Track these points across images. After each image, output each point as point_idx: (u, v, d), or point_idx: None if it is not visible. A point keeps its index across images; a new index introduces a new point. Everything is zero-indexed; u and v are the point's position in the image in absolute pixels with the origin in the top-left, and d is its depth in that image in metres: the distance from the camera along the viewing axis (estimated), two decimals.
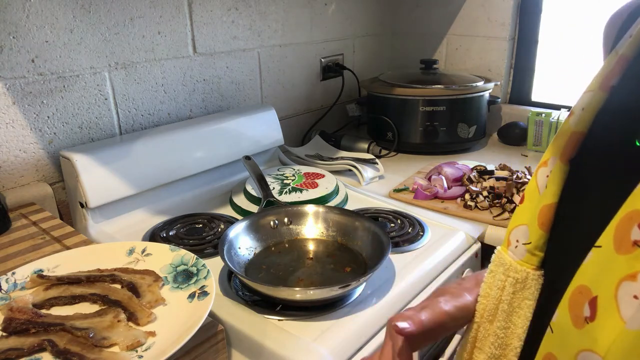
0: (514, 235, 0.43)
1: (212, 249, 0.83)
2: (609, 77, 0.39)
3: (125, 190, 0.92)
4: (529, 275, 0.41)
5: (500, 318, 0.43)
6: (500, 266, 0.44)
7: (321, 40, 1.46)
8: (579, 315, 0.34)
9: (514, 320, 0.43)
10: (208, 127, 1.08)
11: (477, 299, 0.47)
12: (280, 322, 0.66)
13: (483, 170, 1.12)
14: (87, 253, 0.68)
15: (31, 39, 0.86)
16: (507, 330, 0.43)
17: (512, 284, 0.42)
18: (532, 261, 0.42)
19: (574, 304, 0.35)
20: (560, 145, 0.41)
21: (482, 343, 0.46)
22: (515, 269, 0.42)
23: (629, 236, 0.32)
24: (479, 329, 0.46)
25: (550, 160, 0.42)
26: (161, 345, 0.51)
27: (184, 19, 1.09)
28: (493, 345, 0.44)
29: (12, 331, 0.52)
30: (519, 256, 0.42)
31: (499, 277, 0.44)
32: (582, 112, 0.40)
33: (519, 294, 0.42)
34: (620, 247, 0.32)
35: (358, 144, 1.37)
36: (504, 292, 0.43)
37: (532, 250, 0.41)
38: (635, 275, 0.31)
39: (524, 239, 0.42)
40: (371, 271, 0.68)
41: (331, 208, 0.87)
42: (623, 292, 0.31)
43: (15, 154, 0.89)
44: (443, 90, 1.31)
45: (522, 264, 0.42)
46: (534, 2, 1.44)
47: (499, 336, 0.44)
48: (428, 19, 1.61)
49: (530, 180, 0.44)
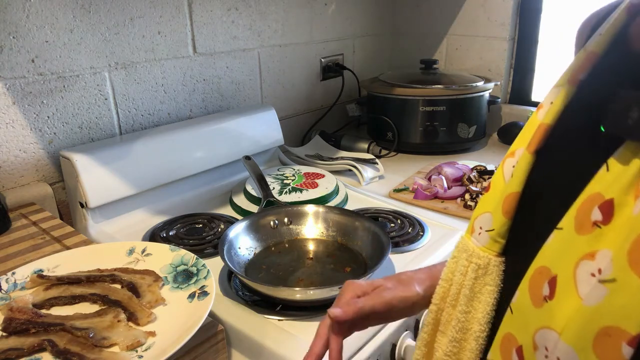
0: (477, 223, 0.44)
1: (212, 249, 0.83)
2: (577, 71, 0.41)
3: (125, 190, 0.92)
4: (490, 262, 0.42)
5: (462, 302, 0.44)
6: (463, 252, 0.45)
7: (321, 40, 1.46)
8: (538, 295, 0.35)
9: (474, 305, 0.44)
10: (208, 127, 1.08)
11: (438, 283, 0.48)
12: (280, 322, 0.66)
13: (483, 170, 1.13)
14: (87, 253, 0.68)
15: (31, 39, 0.86)
16: (468, 315, 0.44)
17: (474, 270, 0.43)
18: (494, 247, 0.43)
19: (534, 284, 0.36)
20: (527, 136, 0.43)
21: (444, 327, 0.47)
22: (478, 255, 0.43)
23: (589, 217, 0.33)
24: (441, 313, 0.47)
25: (517, 151, 0.43)
26: (161, 345, 0.51)
27: (184, 19, 1.09)
28: (454, 329, 0.45)
29: (12, 331, 0.52)
30: (482, 243, 0.43)
31: (462, 262, 0.45)
32: (550, 105, 0.42)
33: (480, 279, 0.43)
34: (580, 228, 0.34)
35: (358, 144, 1.37)
36: (466, 278, 0.44)
37: (495, 237, 0.42)
38: (594, 254, 0.32)
39: (487, 226, 0.43)
40: (371, 271, 0.68)
41: (331, 208, 0.87)
42: (582, 270, 0.32)
43: (15, 154, 0.89)
44: (443, 90, 1.31)
45: (485, 250, 0.43)
46: (534, 2, 1.44)
47: (460, 320, 0.45)
48: (428, 19, 1.61)
49: (497, 170, 0.45)
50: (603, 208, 0.33)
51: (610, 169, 0.34)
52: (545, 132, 0.42)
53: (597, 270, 0.31)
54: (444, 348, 0.47)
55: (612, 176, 0.33)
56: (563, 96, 0.41)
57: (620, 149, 0.34)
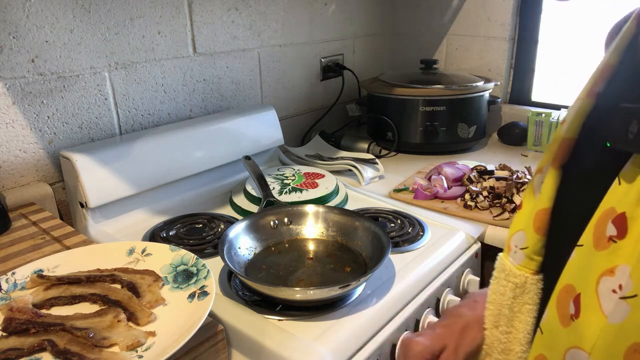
0: (513, 241, 0.44)
1: (212, 249, 0.83)
2: (595, 84, 0.40)
3: (125, 190, 0.92)
4: (527, 280, 0.42)
5: (503, 323, 0.44)
6: (501, 272, 0.45)
7: (321, 40, 1.46)
8: (565, 314, 0.35)
9: (515, 325, 0.43)
10: (208, 127, 1.08)
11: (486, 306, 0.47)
12: (280, 322, 0.66)
13: (483, 170, 1.12)
14: (87, 253, 0.68)
15: (31, 39, 0.86)
16: (509, 335, 0.43)
17: (512, 289, 0.43)
18: (530, 265, 0.42)
19: (561, 303, 0.36)
20: (552, 151, 0.42)
21: (490, 349, 0.47)
22: (515, 274, 0.43)
23: (605, 232, 0.33)
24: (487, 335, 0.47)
25: (545, 167, 0.43)
26: (161, 345, 0.51)
27: (184, 19, 1.09)
28: (497, 351, 0.45)
29: (12, 331, 0.52)
30: (518, 261, 0.43)
31: (501, 282, 0.44)
32: (572, 119, 0.41)
33: (519, 298, 0.42)
34: (598, 244, 0.34)
35: (358, 144, 1.37)
36: (504, 297, 0.44)
37: (530, 255, 0.42)
38: (613, 270, 0.32)
39: (522, 244, 0.43)
40: (371, 271, 0.68)
41: (331, 208, 0.87)
42: (603, 287, 0.32)
43: (15, 154, 0.89)
44: (443, 90, 1.31)
45: (521, 268, 0.42)
46: (534, 2, 1.44)
47: (502, 341, 0.44)
48: (428, 19, 1.61)
49: (527, 187, 0.45)
50: (616, 222, 0.33)
51: (621, 182, 0.33)
52: (568, 147, 0.41)
53: (617, 287, 0.31)
54: None
55: (623, 190, 0.33)
56: (582, 109, 0.41)
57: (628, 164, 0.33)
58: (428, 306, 0.76)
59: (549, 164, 0.42)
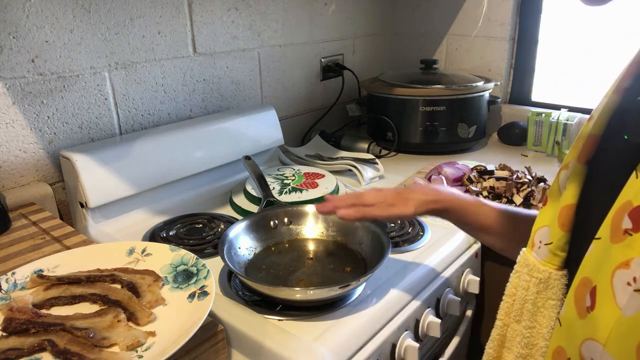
0: (537, 237, 0.44)
1: (212, 249, 0.83)
2: (622, 80, 0.41)
3: (125, 190, 0.92)
4: (551, 275, 0.42)
5: (526, 318, 0.44)
6: (524, 267, 0.45)
7: (321, 40, 1.46)
8: (582, 306, 0.35)
9: (539, 319, 0.43)
10: (208, 127, 1.08)
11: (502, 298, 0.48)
12: (280, 322, 0.66)
13: (483, 170, 1.12)
14: (87, 253, 0.68)
15: (31, 39, 0.86)
16: (533, 330, 0.44)
17: (536, 284, 0.43)
18: (554, 261, 0.42)
19: (579, 295, 0.36)
20: (578, 148, 0.43)
21: (510, 343, 0.47)
22: (538, 269, 0.43)
23: (621, 225, 0.33)
24: (506, 329, 0.47)
25: (570, 163, 0.43)
26: (161, 345, 0.51)
27: (184, 19, 1.09)
28: (520, 345, 0.45)
29: (12, 331, 0.52)
30: (542, 257, 0.43)
31: (524, 277, 0.44)
32: (598, 115, 0.42)
33: (542, 293, 0.43)
34: (614, 236, 0.34)
35: (358, 144, 1.37)
36: (528, 292, 0.44)
37: (554, 250, 0.42)
38: (629, 263, 0.32)
39: (546, 240, 0.43)
40: (371, 271, 0.68)
41: None
42: (618, 280, 0.32)
43: (15, 154, 0.89)
44: (443, 90, 1.31)
45: (545, 264, 0.43)
46: (534, 2, 1.44)
47: (525, 336, 0.44)
48: (428, 19, 1.61)
49: (552, 183, 0.45)
50: (632, 215, 0.33)
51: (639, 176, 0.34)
52: (594, 143, 0.42)
53: (632, 279, 0.31)
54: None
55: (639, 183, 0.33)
56: (609, 106, 0.41)
57: None
58: (428, 306, 0.77)
59: (575, 160, 0.42)
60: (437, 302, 0.80)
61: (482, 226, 0.63)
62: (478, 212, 0.63)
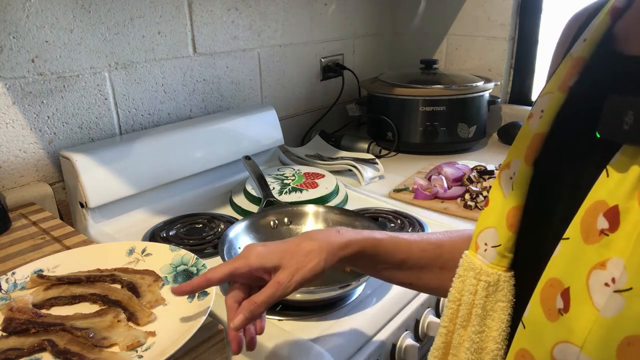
0: (481, 239, 0.43)
1: (212, 249, 0.83)
2: (566, 78, 0.40)
3: (125, 190, 0.92)
4: (500, 278, 0.42)
5: (475, 322, 0.43)
6: (470, 270, 0.44)
7: (321, 40, 1.46)
8: (552, 308, 0.34)
9: (488, 323, 0.43)
10: (208, 127, 1.08)
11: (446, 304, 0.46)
12: (280, 322, 0.66)
13: (483, 170, 1.12)
14: (87, 253, 0.68)
15: (31, 39, 0.86)
16: (482, 334, 0.43)
17: (485, 288, 0.42)
18: (502, 263, 0.42)
19: (546, 297, 0.35)
20: (522, 147, 0.42)
21: (456, 349, 0.45)
22: (487, 273, 0.42)
23: (596, 226, 0.33)
24: (452, 335, 0.46)
25: (513, 163, 0.42)
26: (161, 345, 0.51)
27: (184, 19, 1.09)
28: (469, 351, 0.44)
29: (12, 331, 0.52)
30: (490, 259, 0.42)
31: (470, 281, 0.43)
32: (542, 113, 0.41)
33: (491, 297, 0.42)
34: (587, 237, 0.33)
35: (358, 144, 1.37)
36: (476, 297, 0.43)
37: (502, 252, 0.42)
38: (605, 263, 0.32)
39: (493, 242, 0.42)
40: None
41: (331, 208, 0.87)
42: (594, 280, 0.32)
43: (15, 154, 0.89)
44: (443, 90, 1.31)
45: (493, 266, 0.42)
46: (534, 2, 1.44)
47: (474, 341, 0.43)
48: (428, 19, 1.61)
49: (494, 183, 0.44)
50: (608, 215, 0.32)
51: (610, 175, 0.33)
52: (541, 142, 0.41)
53: (610, 280, 0.31)
54: None
55: (613, 182, 0.33)
56: (554, 104, 0.41)
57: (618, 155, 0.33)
58: (428, 306, 0.76)
59: (520, 160, 0.42)
60: (437, 302, 0.80)
61: (401, 261, 0.54)
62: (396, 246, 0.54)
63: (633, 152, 0.32)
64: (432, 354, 0.48)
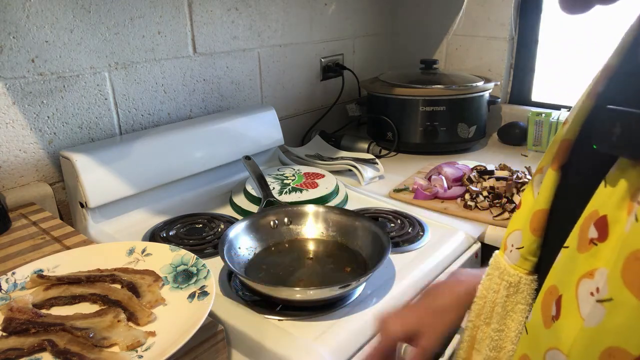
0: (509, 240, 0.44)
1: (212, 249, 0.83)
2: (596, 85, 0.40)
3: (125, 190, 0.92)
4: (521, 280, 0.42)
5: (495, 321, 0.44)
6: (496, 269, 0.45)
7: (321, 40, 1.46)
8: (548, 315, 0.35)
9: (507, 323, 0.43)
10: (208, 127, 1.08)
11: (474, 300, 0.47)
12: (280, 322, 0.66)
13: (483, 170, 1.12)
14: (87, 253, 0.68)
15: (31, 39, 0.86)
16: (502, 333, 0.44)
17: (506, 288, 0.43)
18: (525, 265, 0.42)
19: (545, 304, 0.36)
20: (552, 152, 0.42)
21: (480, 345, 0.47)
22: (509, 273, 0.43)
23: (587, 235, 0.33)
24: (477, 330, 0.47)
25: (544, 168, 0.43)
26: (161, 345, 0.51)
27: (184, 19, 1.09)
28: (488, 348, 0.45)
29: (12, 331, 0.52)
30: (513, 260, 0.43)
31: (495, 280, 0.45)
32: (572, 120, 0.41)
33: (512, 297, 0.43)
34: (580, 246, 0.34)
35: (358, 144, 1.37)
36: (498, 295, 0.44)
37: (525, 255, 0.42)
38: (593, 273, 0.32)
39: (518, 244, 0.43)
40: (371, 271, 0.68)
41: (331, 208, 0.87)
42: (582, 289, 0.32)
43: (15, 154, 0.89)
44: (443, 90, 1.31)
45: (516, 268, 0.43)
46: (534, 2, 1.44)
47: (493, 339, 0.44)
48: (428, 19, 1.61)
49: (527, 187, 0.45)
50: (598, 225, 0.33)
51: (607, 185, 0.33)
52: (568, 148, 0.41)
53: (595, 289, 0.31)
54: None
55: (607, 193, 0.33)
56: (583, 111, 0.41)
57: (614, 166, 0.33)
58: None
59: (549, 165, 0.42)
60: None
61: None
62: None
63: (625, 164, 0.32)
64: (460, 347, 0.50)
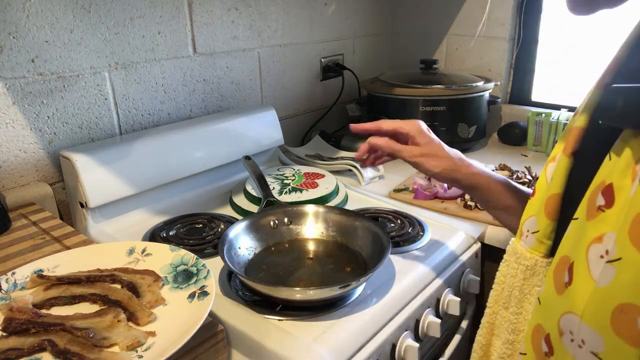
0: (525, 226, 0.46)
1: (212, 249, 0.83)
2: (605, 76, 0.43)
3: (125, 190, 0.92)
4: (537, 262, 0.44)
5: (513, 304, 0.46)
6: (512, 255, 0.47)
7: (321, 40, 1.46)
8: (560, 282, 0.37)
9: (525, 306, 0.45)
10: (208, 127, 1.08)
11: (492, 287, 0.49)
12: (280, 322, 0.66)
13: None
14: (87, 253, 0.68)
15: (31, 39, 0.86)
16: (520, 316, 0.46)
17: (523, 271, 0.45)
18: (540, 249, 0.44)
19: (557, 273, 0.38)
20: (564, 140, 0.44)
21: (499, 330, 0.49)
22: (525, 257, 0.45)
23: (595, 203, 0.36)
24: (495, 316, 0.48)
25: (557, 156, 0.45)
26: (161, 345, 0.51)
27: (184, 19, 1.09)
28: (507, 331, 0.47)
29: (12, 331, 0.52)
30: (529, 245, 0.45)
31: (512, 265, 0.46)
32: (582, 109, 0.44)
33: (529, 280, 0.44)
34: (589, 214, 0.36)
35: (358, 144, 1.37)
36: (515, 279, 0.46)
37: (541, 238, 0.44)
38: (601, 237, 0.34)
39: (533, 228, 0.45)
40: (371, 271, 0.68)
41: (331, 208, 0.87)
42: (592, 253, 0.34)
43: (15, 154, 0.89)
44: (443, 90, 1.31)
45: (532, 251, 0.44)
46: (534, 2, 1.44)
47: (512, 322, 0.46)
48: (428, 19, 1.61)
49: (540, 175, 0.47)
50: (605, 193, 0.35)
51: (612, 157, 0.36)
52: (579, 135, 0.43)
53: (604, 252, 0.33)
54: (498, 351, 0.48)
55: (612, 163, 0.35)
56: (593, 100, 0.43)
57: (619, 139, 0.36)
58: (428, 306, 0.77)
59: (561, 152, 0.44)
60: (437, 302, 0.80)
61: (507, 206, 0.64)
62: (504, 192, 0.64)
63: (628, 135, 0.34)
64: (479, 333, 0.51)
